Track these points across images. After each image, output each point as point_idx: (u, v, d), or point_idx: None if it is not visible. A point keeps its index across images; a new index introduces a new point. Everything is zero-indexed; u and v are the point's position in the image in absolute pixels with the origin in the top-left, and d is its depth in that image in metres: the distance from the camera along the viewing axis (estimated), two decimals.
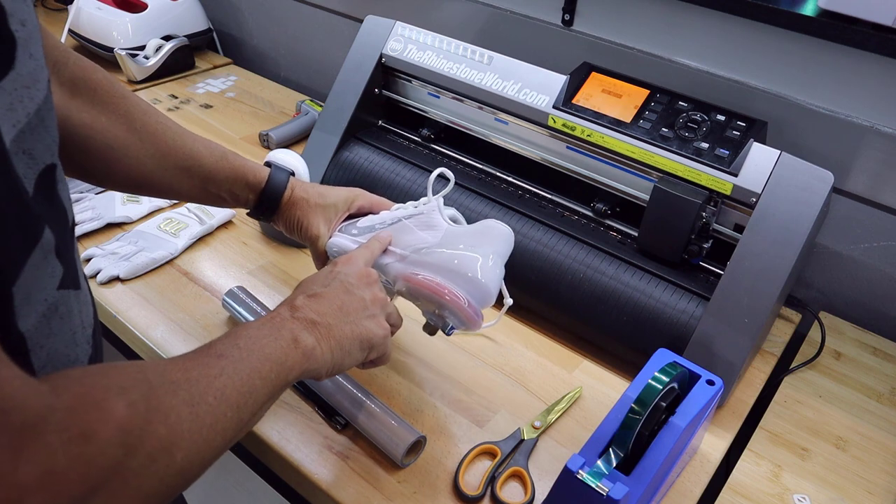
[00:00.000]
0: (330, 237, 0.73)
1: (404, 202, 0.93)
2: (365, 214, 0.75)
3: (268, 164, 0.74)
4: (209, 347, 0.46)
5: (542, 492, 0.65)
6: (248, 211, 0.73)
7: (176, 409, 0.39)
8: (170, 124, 0.67)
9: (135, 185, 0.66)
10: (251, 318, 0.79)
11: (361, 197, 0.76)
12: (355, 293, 0.59)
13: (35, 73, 0.36)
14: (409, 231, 0.68)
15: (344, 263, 0.62)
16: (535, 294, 0.84)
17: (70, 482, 0.31)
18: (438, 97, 0.99)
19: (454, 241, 0.66)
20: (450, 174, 0.71)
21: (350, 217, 0.76)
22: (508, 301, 0.71)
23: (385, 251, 0.69)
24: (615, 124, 0.83)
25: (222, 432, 0.42)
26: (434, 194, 0.72)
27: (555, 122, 0.87)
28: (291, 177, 0.73)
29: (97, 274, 0.86)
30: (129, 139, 0.63)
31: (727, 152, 0.77)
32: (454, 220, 0.72)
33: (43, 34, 0.56)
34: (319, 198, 0.73)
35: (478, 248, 0.65)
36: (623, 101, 0.84)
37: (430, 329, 0.68)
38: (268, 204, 0.71)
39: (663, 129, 0.81)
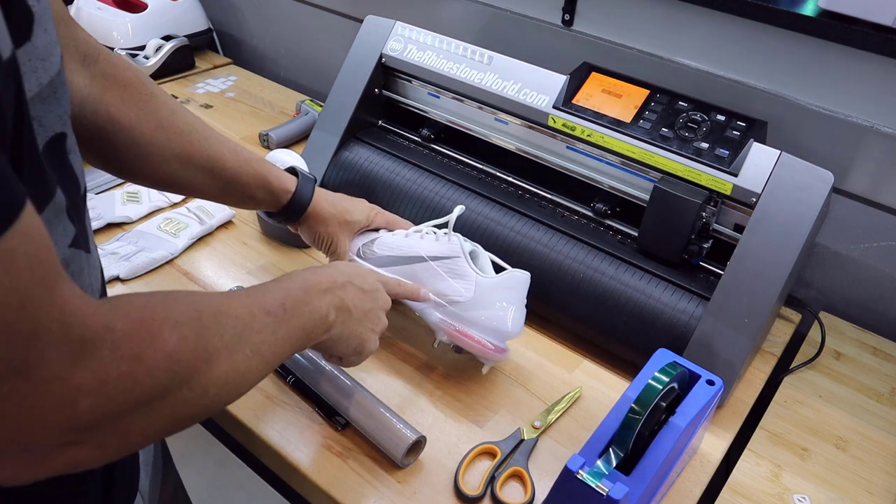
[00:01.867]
0: (350, 258, 0.80)
1: (404, 203, 0.93)
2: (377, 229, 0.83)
3: (293, 170, 0.76)
4: (262, 296, 0.49)
5: (542, 492, 0.65)
6: (266, 212, 0.77)
7: (218, 351, 0.42)
8: (197, 125, 0.68)
9: (159, 182, 0.68)
10: None
11: (380, 216, 0.82)
12: (378, 310, 0.65)
13: (49, 47, 0.37)
14: (441, 278, 0.75)
15: (384, 283, 0.67)
16: (535, 294, 0.84)
17: (118, 392, 0.34)
18: (438, 97, 0.99)
19: (487, 298, 0.74)
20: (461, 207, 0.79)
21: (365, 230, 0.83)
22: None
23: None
24: (615, 124, 0.83)
25: (247, 381, 0.46)
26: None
27: (555, 122, 0.87)
28: (316, 187, 0.76)
29: None
30: (156, 138, 0.64)
31: (727, 152, 0.77)
32: (474, 255, 0.78)
33: (73, 26, 0.57)
34: (345, 214, 0.78)
35: (507, 300, 0.74)
36: (623, 101, 0.84)
37: (458, 350, 0.77)
38: (290, 213, 0.75)
39: (663, 129, 0.81)
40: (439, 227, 0.80)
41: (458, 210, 0.78)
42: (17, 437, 0.32)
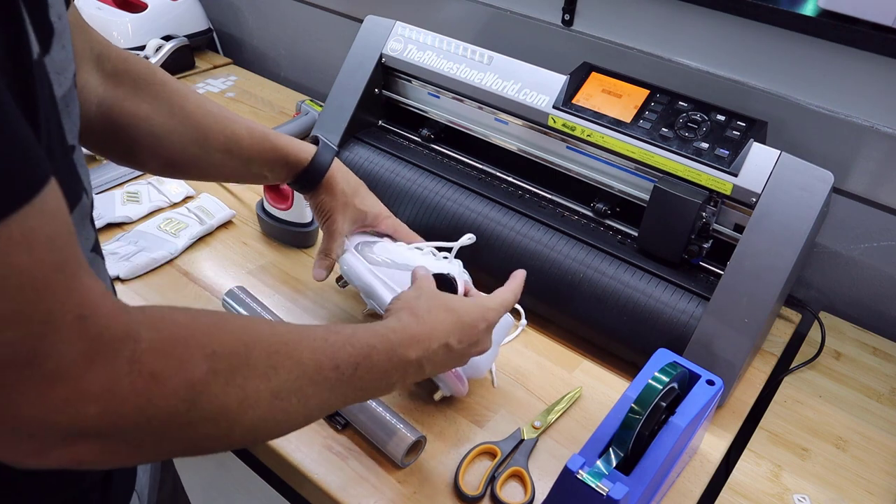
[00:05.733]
0: (346, 249, 0.77)
1: (404, 204, 0.93)
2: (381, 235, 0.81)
3: (315, 139, 0.76)
4: (341, 347, 0.45)
5: (542, 492, 0.65)
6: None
7: (259, 394, 0.39)
8: (210, 107, 0.68)
9: (179, 168, 0.68)
10: None
11: (390, 220, 0.80)
12: (464, 361, 0.60)
13: (65, 62, 0.38)
14: None
15: (487, 331, 0.61)
16: (535, 294, 0.84)
17: (128, 409, 0.32)
18: (438, 97, 0.99)
19: None
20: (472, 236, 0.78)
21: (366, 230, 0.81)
22: (523, 322, 0.79)
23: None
24: (615, 124, 0.83)
25: (283, 430, 0.43)
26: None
27: (555, 122, 0.87)
28: (336, 159, 0.75)
29: None
30: (171, 125, 0.64)
31: (727, 152, 0.77)
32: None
33: (88, 30, 0.58)
34: (355, 196, 0.76)
35: None
36: (623, 101, 0.84)
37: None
38: (307, 181, 0.74)
39: (663, 129, 0.81)
40: (441, 249, 0.80)
41: (467, 239, 0.78)
42: (20, 424, 0.30)
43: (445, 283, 0.67)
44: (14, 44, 0.30)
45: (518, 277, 0.68)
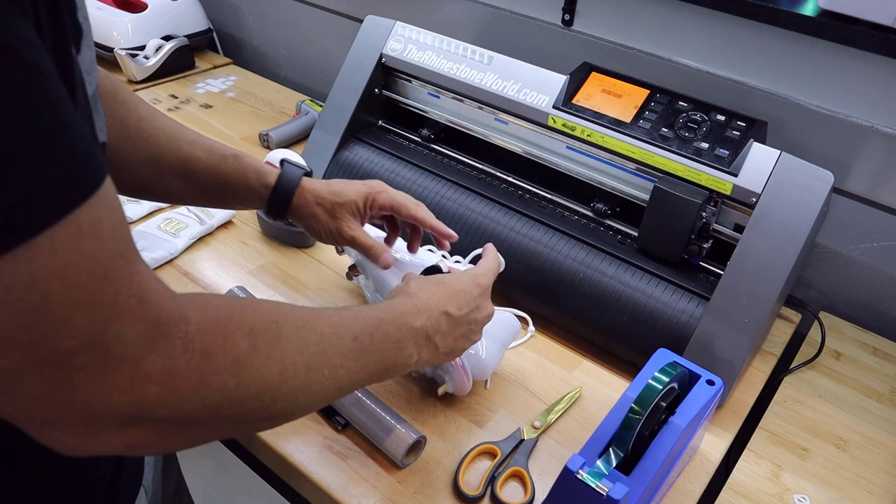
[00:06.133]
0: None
1: None
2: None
3: (282, 162, 0.71)
4: (353, 321, 0.48)
5: (542, 492, 0.65)
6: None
7: (296, 365, 0.41)
8: (168, 129, 0.64)
9: (135, 189, 0.66)
10: None
11: (381, 194, 0.72)
12: (476, 333, 0.62)
13: (91, 63, 0.39)
14: None
15: (484, 296, 0.63)
16: (535, 294, 0.84)
17: (185, 387, 0.34)
18: (438, 97, 0.99)
19: None
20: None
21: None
22: (531, 329, 0.79)
23: None
24: (615, 124, 0.83)
25: (318, 401, 0.46)
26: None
27: (555, 122, 0.87)
28: (305, 178, 0.70)
29: None
30: (123, 146, 0.62)
31: (727, 152, 0.77)
32: None
33: None
34: (336, 196, 0.70)
35: (491, 335, 0.73)
36: (623, 101, 0.84)
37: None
38: (276, 209, 0.70)
39: (663, 129, 0.81)
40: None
41: (488, 246, 0.78)
42: (82, 408, 0.32)
43: (433, 272, 0.68)
44: (60, 46, 0.32)
45: (491, 248, 0.70)
